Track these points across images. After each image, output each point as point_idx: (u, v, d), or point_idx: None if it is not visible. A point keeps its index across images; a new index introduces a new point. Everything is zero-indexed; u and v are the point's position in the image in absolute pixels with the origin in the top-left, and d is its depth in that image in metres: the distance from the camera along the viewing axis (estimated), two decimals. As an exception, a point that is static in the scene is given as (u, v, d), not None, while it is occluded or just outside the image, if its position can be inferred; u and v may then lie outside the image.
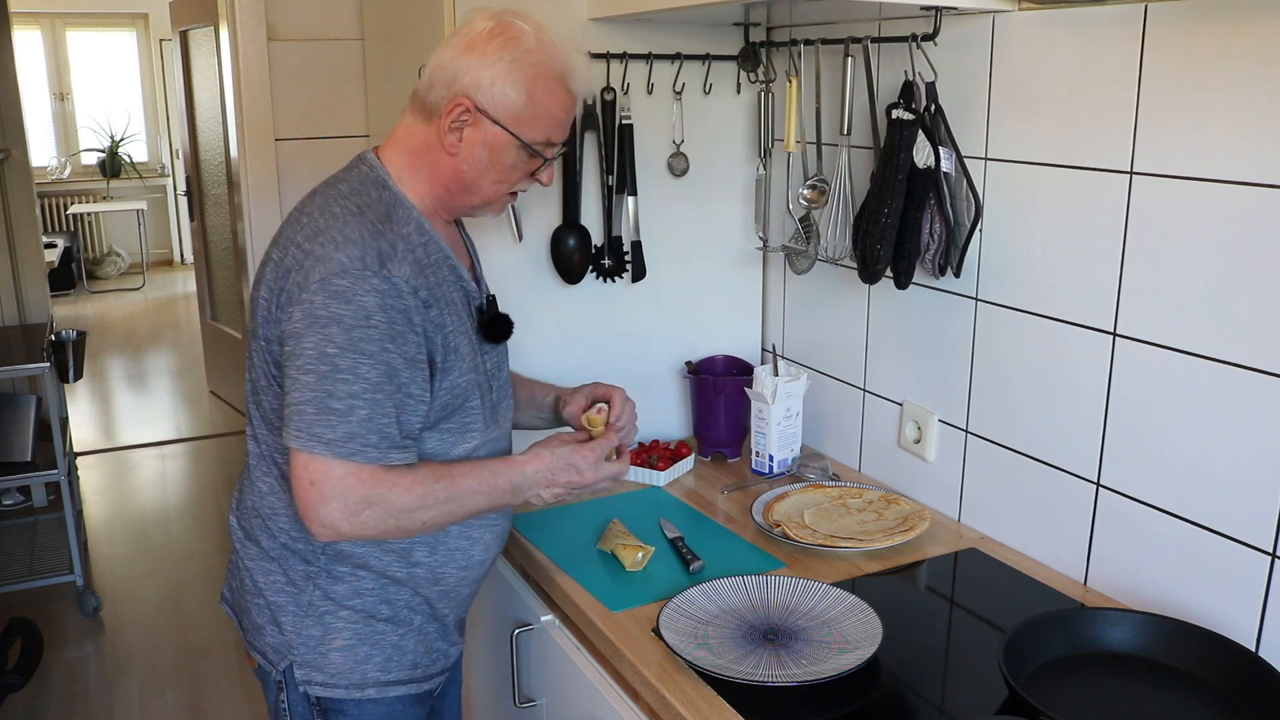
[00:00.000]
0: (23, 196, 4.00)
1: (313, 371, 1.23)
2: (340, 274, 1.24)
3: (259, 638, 1.43)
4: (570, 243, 1.91)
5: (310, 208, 1.34)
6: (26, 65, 7.55)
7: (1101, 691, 1.23)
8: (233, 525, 1.48)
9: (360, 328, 1.23)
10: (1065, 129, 1.46)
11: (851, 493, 1.79)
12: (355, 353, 1.23)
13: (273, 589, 1.40)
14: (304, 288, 1.25)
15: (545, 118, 1.35)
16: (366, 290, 1.24)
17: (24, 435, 3.46)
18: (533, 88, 1.32)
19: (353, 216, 1.29)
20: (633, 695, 1.37)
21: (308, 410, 1.23)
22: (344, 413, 1.23)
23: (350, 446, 1.24)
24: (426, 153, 1.36)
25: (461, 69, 1.31)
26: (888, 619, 1.34)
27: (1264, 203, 1.23)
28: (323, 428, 1.23)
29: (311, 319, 1.24)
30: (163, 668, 3.12)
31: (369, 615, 1.40)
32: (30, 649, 2.60)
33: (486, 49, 1.31)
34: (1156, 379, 1.39)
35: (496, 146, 1.34)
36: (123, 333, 7.11)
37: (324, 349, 1.23)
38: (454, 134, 1.34)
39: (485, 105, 1.32)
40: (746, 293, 2.16)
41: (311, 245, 1.27)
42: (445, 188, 1.38)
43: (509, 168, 1.37)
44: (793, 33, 1.91)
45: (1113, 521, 1.47)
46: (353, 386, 1.23)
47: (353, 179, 1.36)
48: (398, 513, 1.28)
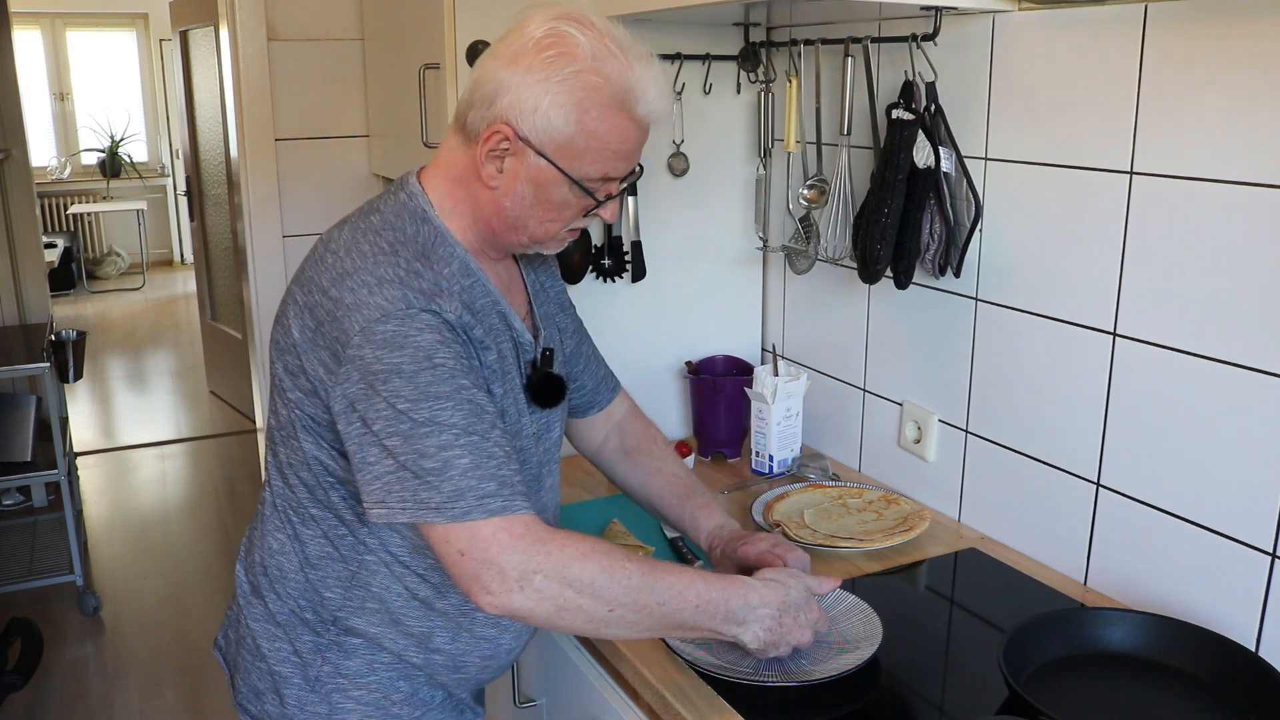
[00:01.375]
0: (23, 196, 4.00)
1: (395, 434, 1.05)
2: (383, 319, 1.06)
3: (256, 703, 1.28)
4: (570, 243, 1.91)
5: (336, 244, 1.15)
6: (26, 65, 7.55)
7: (1101, 691, 1.23)
8: (239, 576, 1.32)
9: (425, 371, 1.05)
10: (1065, 129, 1.46)
11: (851, 493, 1.79)
12: (429, 400, 1.05)
13: (277, 657, 1.25)
14: (346, 343, 1.07)
15: (600, 150, 1.13)
16: (418, 328, 1.06)
17: (24, 435, 3.46)
18: (583, 116, 1.10)
19: (384, 255, 1.11)
20: (633, 695, 1.37)
21: (407, 477, 1.04)
22: (441, 469, 1.04)
23: (464, 504, 1.03)
24: (467, 181, 1.17)
25: (503, 85, 1.10)
26: (888, 619, 1.34)
27: (1264, 203, 1.23)
28: (428, 492, 1.04)
29: (370, 376, 1.06)
30: (163, 668, 3.12)
31: (384, 697, 1.23)
32: (30, 649, 2.59)
33: (532, 64, 1.09)
34: (1156, 379, 1.39)
35: (542, 182, 1.14)
36: (123, 333, 7.11)
37: (396, 406, 1.04)
38: (493, 164, 1.14)
39: (527, 133, 1.11)
40: (746, 293, 2.15)
41: (340, 292, 1.10)
42: (488, 223, 1.18)
43: (558, 205, 1.16)
44: (793, 33, 1.91)
45: (1113, 521, 1.47)
46: (441, 438, 1.04)
47: (388, 210, 1.18)
48: (578, 584, 1.05)
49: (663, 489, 1.48)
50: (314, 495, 1.21)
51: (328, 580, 1.22)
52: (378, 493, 1.06)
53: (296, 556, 1.23)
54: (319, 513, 1.21)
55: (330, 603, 1.22)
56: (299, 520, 1.23)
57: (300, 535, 1.23)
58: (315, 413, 1.15)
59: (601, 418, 1.53)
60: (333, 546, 1.21)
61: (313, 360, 1.12)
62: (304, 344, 1.13)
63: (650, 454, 1.51)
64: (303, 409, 1.16)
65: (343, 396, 1.08)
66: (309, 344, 1.13)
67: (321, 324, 1.11)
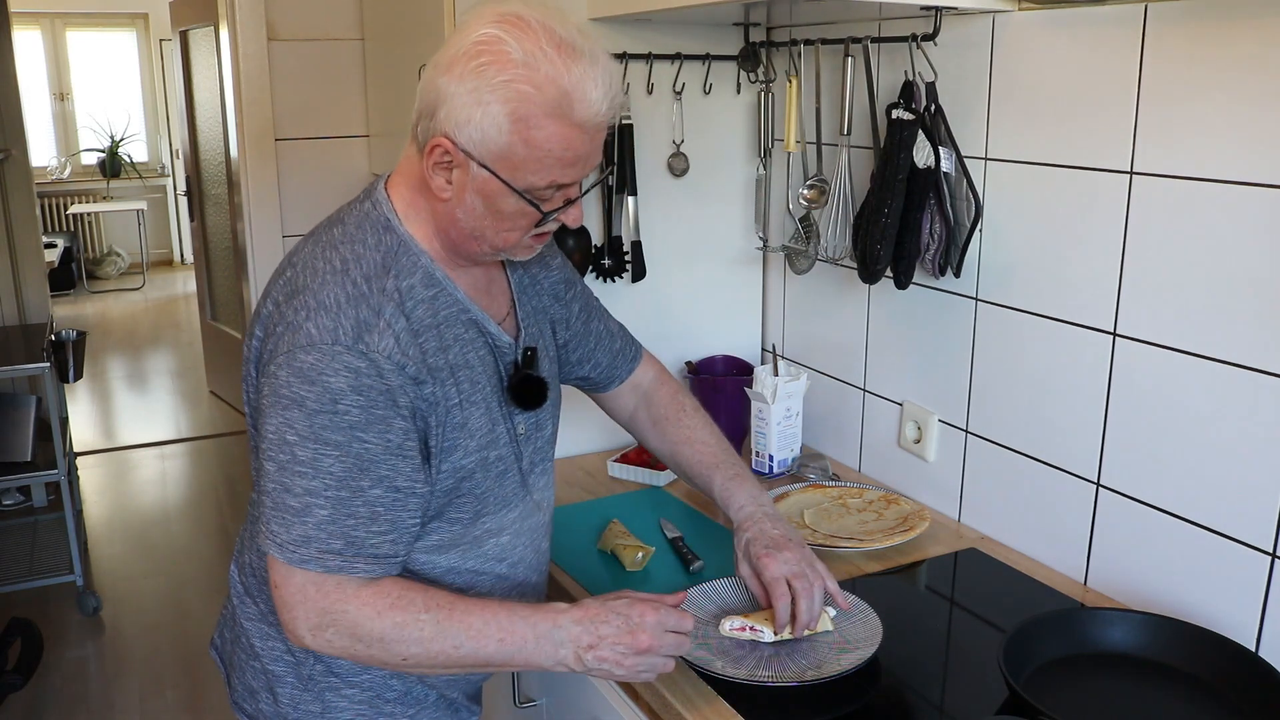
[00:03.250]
0: (23, 196, 4.00)
1: (273, 460, 1.07)
2: (307, 347, 1.05)
3: (251, 702, 1.29)
4: (570, 243, 1.91)
5: (297, 258, 1.15)
6: (26, 65, 7.55)
7: (1101, 691, 1.23)
8: (232, 576, 1.33)
9: (325, 413, 1.05)
10: (1065, 129, 1.46)
11: (851, 493, 1.79)
12: (316, 442, 1.05)
13: (271, 656, 1.25)
14: (272, 358, 1.09)
15: (542, 160, 1.07)
16: (335, 369, 1.05)
17: (24, 435, 3.46)
18: (518, 125, 1.05)
19: (333, 275, 1.09)
20: (633, 695, 1.37)
21: (267, 504, 1.08)
22: (300, 511, 1.06)
23: (304, 552, 1.06)
24: (424, 189, 1.13)
25: (440, 95, 1.06)
26: (888, 619, 1.34)
27: (1264, 203, 1.23)
28: (279, 525, 1.07)
29: (275, 398, 1.07)
30: (163, 668, 3.12)
31: (377, 695, 1.24)
32: (30, 649, 2.59)
33: (464, 72, 1.04)
34: (1156, 379, 1.39)
35: (489, 194, 1.09)
36: (123, 333, 7.11)
37: (284, 435, 1.06)
38: (440, 176, 1.10)
39: (466, 145, 1.06)
40: (746, 293, 2.15)
41: (285, 309, 1.10)
42: (447, 234, 1.15)
43: (511, 215, 1.11)
44: (793, 33, 1.91)
45: (1113, 521, 1.47)
46: (311, 482, 1.05)
47: (351, 221, 1.15)
48: (368, 639, 1.08)
49: (692, 459, 1.43)
50: None
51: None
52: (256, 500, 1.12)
53: None
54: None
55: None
56: None
57: None
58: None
59: (627, 389, 1.50)
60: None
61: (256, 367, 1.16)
62: (255, 353, 1.16)
63: (678, 422, 1.46)
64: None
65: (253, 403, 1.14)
66: (255, 355, 1.16)
67: (268, 335, 1.12)
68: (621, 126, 1.88)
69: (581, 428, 1.98)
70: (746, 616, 1.33)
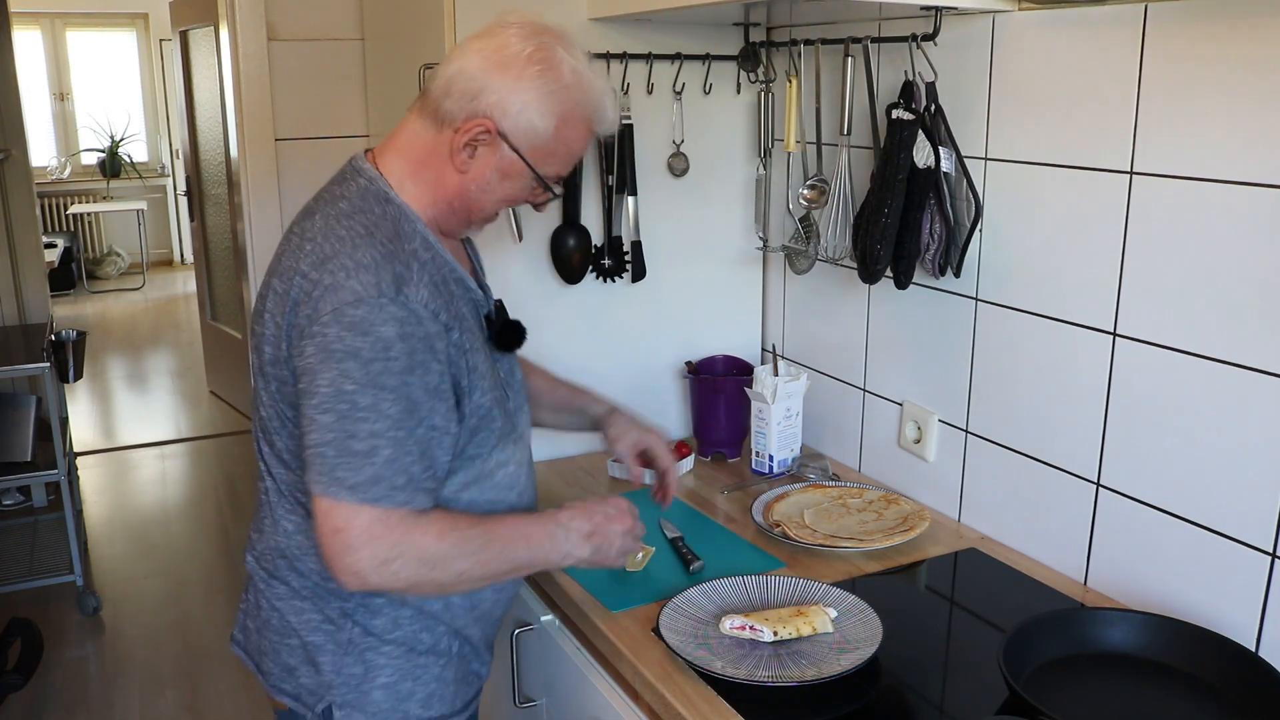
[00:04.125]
0: (23, 196, 4.00)
1: (330, 410, 1.15)
2: (355, 303, 1.15)
3: (290, 680, 1.34)
4: (570, 243, 1.91)
5: (311, 231, 1.23)
6: (26, 65, 7.56)
7: (1101, 691, 1.23)
8: (251, 566, 1.38)
9: (379, 360, 1.15)
10: (1065, 129, 1.46)
11: (851, 493, 1.79)
12: (375, 388, 1.14)
13: (308, 628, 1.31)
14: (315, 320, 1.16)
15: (564, 154, 1.29)
16: (384, 319, 1.15)
17: (24, 435, 3.46)
18: (561, 125, 1.25)
19: (362, 239, 1.20)
20: (633, 695, 1.37)
21: (329, 453, 1.15)
22: (367, 454, 1.15)
23: (376, 490, 1.15)
24: (433, 163, 1.27)
25: (489, 86, 1.22)
26: (888, 619, 1.34)
27: (1264, 203, 1.23)
28: (346, 471, 1.15)
29: (326, 353, 1.15)
30: (163, 668, 3.12)
31: (411, 649, 1.32)
32: (30, 649, 2.59)
33: (523, 74, 1.22)
34: (1156, 379, 1.39)
35: (510, 173, 1.27)
36: (123, 333, 7.11)
37: (341, 386, 1.14)
38: (467, 151, 1.25)
39: (507, 131, 1.24)
40: (746, 293, 2.16)
41: (319, 274, 1.18)
42: (448, 204, 1.29)
43: (516, 191, 1.30)
44: (793, 33, 1.91)
45: (1113, 521, 1.47)
46: (375, 425, 1.15)
47: (352, 194, 1.26)
48: (431, 561, 1.19)
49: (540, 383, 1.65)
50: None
51: None
52: (308, 459, 1.17)
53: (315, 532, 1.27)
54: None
55: None
56: (306, 499, 1.28)
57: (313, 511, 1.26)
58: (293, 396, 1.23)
59: None
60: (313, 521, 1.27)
61: (286, 343, 1.21)
62: (282, 330, 1.21)
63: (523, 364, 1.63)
64: (284, 397, 1.24)
65: (297, 367, 1.19)
66: (288, 326, 1.21)
67: (298, 304, 1.19)
68: (621, 126, 1.88)
69: (581, 428, 1.99)
70: (747, 616, 1.33)
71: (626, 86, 1.89)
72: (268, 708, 2.90)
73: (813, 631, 1.32)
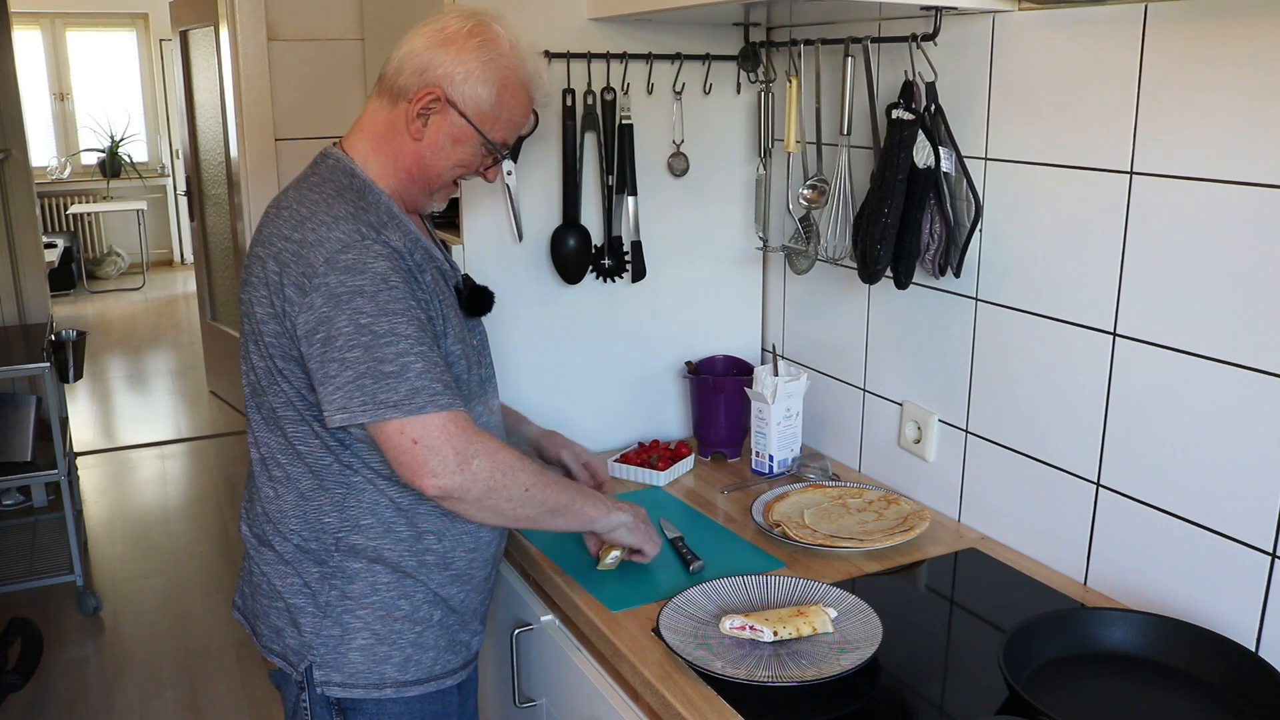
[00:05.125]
0: (23, 196, 4.01)
1: (356, 345, 1.24)
2: (343, 249, 1.26)
3: (278, 641, 1.43)
4: (570, 243, 1.91)
5: (286, 202, 1.36)
6: (26, 65, 7.56)
7: (1101, 691, 1.23)
8: (245, 533, 1.47)
9: (383, 291, 1.25)
10: (1065, 129, 1.46)
11: (851, 493, 1.79)
12: (388, 315, 1.25)
13: (290, 591, 1.40)
14: (312, 274, 1.26)
15: (507, 120, 1.41)
16: (374, 256, 1.26)
17: (24, 435, 3.46)
18: (502, 90, 1.38)
19: (333, 197, 1.32)
20: (633, 695, 1.37)
21: (366, 383, 1.24)
22: (399, 373, 1.24)
23: (420, 400, 1.24)
24: (391, 136, 1.39)
25: (435, 60, 1.35)
26: (888, 619, 1.34)
27: (1264, 203, 1.23)
28: (387, 393, 1.23)
29: (334, 299, 1.25)
30: (163, 668, 3.12)
31: (387, 614, 1.39)
32: (30, 649, 2.60)
33: (464, 46, 1.36)
34: (1156, 379, 1.39)
35: (459, 138, 1.39)
36: (123, 333, 7.11)
37: (358, 321, 1.24)
38: (420, 120, 1.37)
39: (455, 98, 1.36)
40: (746, 293, 2.16)
41: (300, 234, 1.29)
42: (408, 173, 1.40)
43: (468, 156, 1.41)
44: (793, 33, 1.91)
45: (1113, 521, 1.47)
46: (399, 345, 1.25)
47: (322, 172, 1.39)
48: (504, 466, 1.29)
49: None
50: (299, 432, 1.35)
51: (324, 507, 1.37)
52: (340, 400, 1.25)
53: (292, 494, 1.38)
54: (304, 449, 1.36)
55: (329, 527, 1.38)
56: (288, 461, 1.38)
57: (291, 475, 1.38)
58: (290, 349, 1.31)
59: None
60: (320, 478, 1.36)
61: (280, 300, 1.29)
62: (274, 287, 1.30)
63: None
64: (279, 351, 1.32)
65: (306, 321, 1.26)
66: (276, 286, 1.29)
67: (286, 265, 1.28)
68: (621, 126, 1.88)
69: (581, 428, 1.99)
70: (747, 616, 1.33)
71: (627, 86, 1.89)
72: (268, 707, 2.90)
73: (813, 631, 1.32)
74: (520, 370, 1.94)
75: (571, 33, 1.84)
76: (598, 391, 2.03)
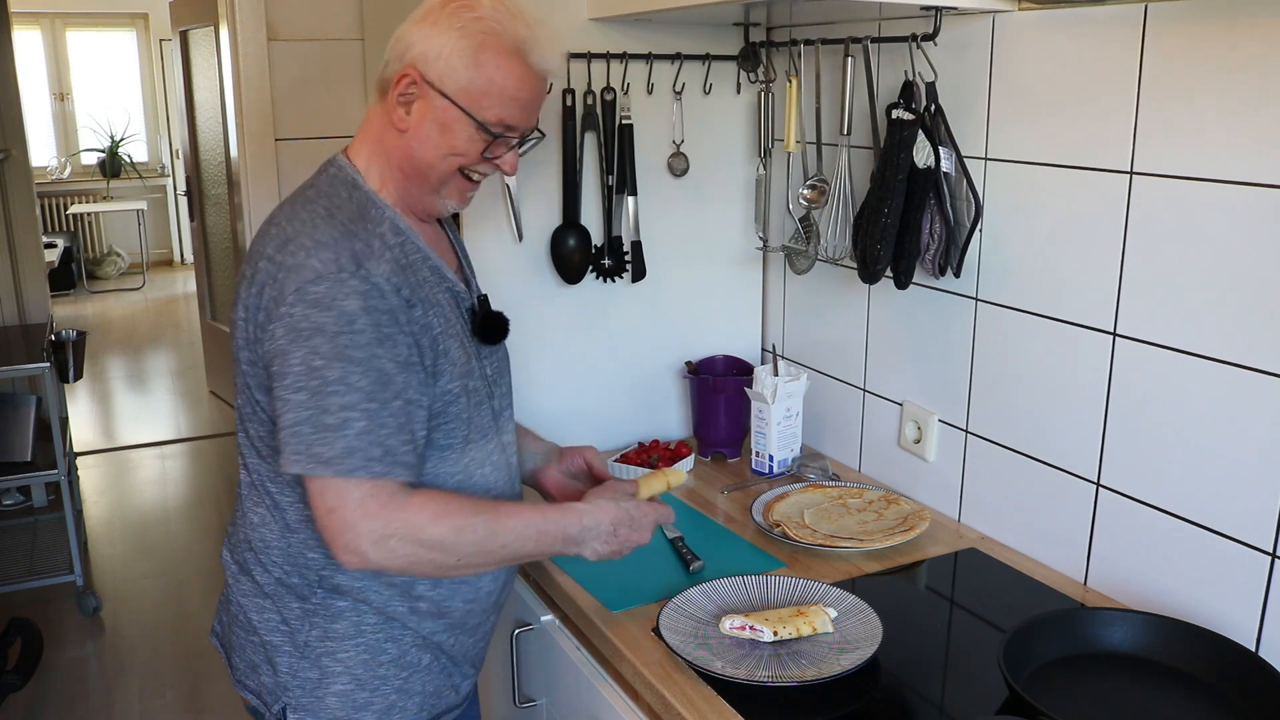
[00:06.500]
0: (23, 196, 4.01)
1: (303, 389, 1.14)
2: (315, 280, 1.16)
3: (253, 677, 1.34)
4: (570, 243, 1.91)
5: (279, 217, 1.26)
6: (26, 65, 7.55)
7: (1101, 691, 1.23)
8: (225, 559, 1.38)
9: (345, 334, 1.15)
10: (1065, 129, 1.46)
11: (851, 493, 1.79)
12: (343, 361, 1.14)
13: (267, 628, 1.31)
14: (280, 301, 1.17)
15: (499, 95, 1.24)
16: (346, 294, 1.15)
17: (24, 435, 3.46)
18: (480, 57, 1.22)
19: (321, 219, 1.21)
20: (633, 695, 1.37)
21: (305, 430, 1.14)
22: (339, 426, 1.13)
23: (351, 462, 1.14)
24: (384, 133, 1.28)
25: (413, 40, 1.24)
26: (888, 619, 1.34)
27: (1264, 203, 1.23)
28: (321, 446, 1.13)
29: (294, 333, 1.15)
30: (163, 668, 3.12)
31: (371, 658, 1.30)
32: (30, 649, 2.60)
33: (438, 18, 1.23)
34: (1156, 379, 1.39)
35: (447, 123, 1.24)
36: (123, 333, 7.11)
37: (310, 362, 1.14)
38: (402, 107, 1.25)
39: (432, 77, 1.23)
40: (746, 293, 2.15)
41: (281, 256, 1.19)
42: (400, 170, 1.28)
43: (462, 143, 1.25)
44: (793, 33, 1.91)
45: (1113, 521, 1.47)
46: (345, 398, 1.14)
47: (321, 183, 1.28)
48: (429, 544, 1.18)
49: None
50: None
51: (309, 542, 1.28)
52: (286, 440, 1.15)
53: (278, 525, 1.29)
54: (292, 477, 1.26)
55: (314, 563, 1.28)
56: (276, 489, 1.28)
57: (279, 503, 1.29)
58: (263, 379, 1.23)
59: None
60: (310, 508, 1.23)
61: (254, 325, 1.22)
62: (251, 310, 1.22)
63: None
64: (255, 381, 1.25)
65: (267, 351, 1.18)
66: (254, 309, 1.22)
67: (264, 288, 1.20)
68: (621, 126, 1.88)
69: (582, 428, 1.99)
70: (747, 616, 1.33)
71: (627, 86, 1.88)
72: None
73: (813, 631, 1.32)
74: (520, 370, 1.94)
75: (571, 33, 1.84)
76: (598, 391, 2.03)
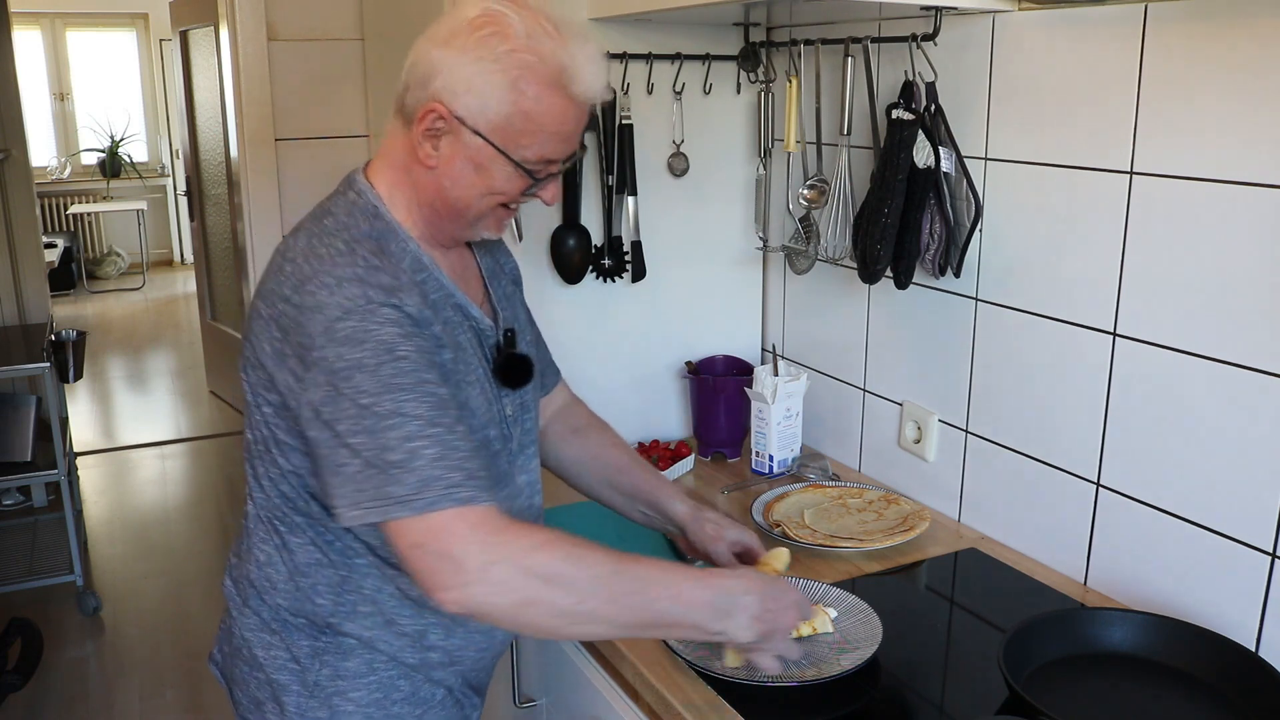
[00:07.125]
0: (23, 196, 4.01)
1: (360, 431, 1.02)
2: (343, 316, 1.05)
3: (256, 714, 1.26)
4: (570, 243, 1.91)
5: (293, 251, 1.13)
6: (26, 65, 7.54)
7: (1101, 691, 1.23)
8: (228, 590, 1.30)
9: (387, 364, 1.04)
10: (1065, 129, 1.46)
11: (851, 493, 1.79)
12: (392, 392, 1.03)
13: (274, 666, 1.23)
14: (311, 347, 1.06)
15: (538, 131, 1.11)
16: (379, 323, 1.05)
17: (24, 435, 3.46)
18: (519, 96, 1.09)
19: (341, 255, 1.10)
20: (633, 695, 1.37)
21: (374, 476, 1.02)
22: (407, 460, 1.01)
23: (430, 494, 1.01)
24: (408, 166, 1.16)
25: (436, 66, 1.10)
26: (888, 619, 1.34)
27: (1264, 203, 1.23)
28: (394, 486, 1.01)
29: (332, 377, 1.04)
30: (163, 668, 3.12)
31: (385, 695, 1.23)
32: (30, 649, 2.60)
33: (466, 44, 1.09)
34: (1156, 379, 1.39)
35: (481, 162, 1.12)
36: (123, 333, 7.11)
37: (358, 401, 1.03)
38: (429, 143, 1.13)
39: (462, 113, 1.10)
40: (746, 293, 2.15)
41: (301, 297, 1.08)
42: (430, 207, 1.17)
43: (500, 182, 1.14)
44: (793, 33, 1.91)
45: (1113, 521, 1.47)
46: (405, 429, 1.02)
47: (340, 211, 1.16)
48: (543, 575, 1.02)
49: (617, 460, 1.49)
50: (295, 506, 1.19)
51: (318, 587, 1.20)
52: (350, 495, 1.03)
53: (285, 566, 1.21)
54: (304, 520, 1.19)
55: (322, 609, 1.21)
56: (286, 529, 1.20)
57: (289, 544, 1.21)
58: (287, 426, 1.13)
59: (547, 400, 1.51)
60: (321, 553, 1.19)
61: (283, 372, 1.10)
62: (273, 356, 1.11)
63: (603, 430, 1.53)
64: (275, 425, 1.15)
65: (309, 403, 1.06)
66: (277, 355, 1.11)
67: (287, 332, 1.09)
68: (621, 126, 1.88)
69: (581, 428, 1.99)
70: None
71: (626, 86, 1.88)
72: (268, 708, 2.89)
73: (813, 631, 1.32)
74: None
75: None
76: (598, 391, 2.03)
